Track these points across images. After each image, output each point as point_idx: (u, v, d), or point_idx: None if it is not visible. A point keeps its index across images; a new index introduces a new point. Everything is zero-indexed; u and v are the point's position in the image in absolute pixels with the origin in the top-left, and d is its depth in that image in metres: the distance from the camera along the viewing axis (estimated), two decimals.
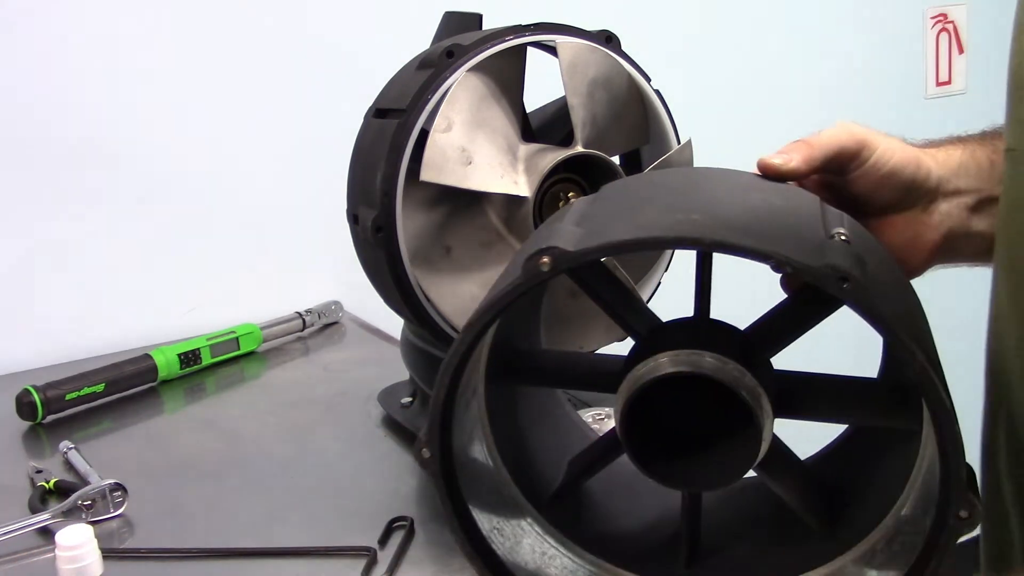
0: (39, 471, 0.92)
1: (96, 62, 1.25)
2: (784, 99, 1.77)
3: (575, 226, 0.54)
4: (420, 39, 0.92)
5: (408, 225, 0.83)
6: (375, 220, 0.81)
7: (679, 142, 0.87)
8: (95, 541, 0.68)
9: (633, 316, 0.63)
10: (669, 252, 0.87)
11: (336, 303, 1.36)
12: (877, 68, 1.89)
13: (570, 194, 0.83)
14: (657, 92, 0.87)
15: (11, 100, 1.21)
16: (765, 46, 1.76)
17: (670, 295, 0.84)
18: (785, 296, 0.63)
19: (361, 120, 0.90)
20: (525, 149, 0.83)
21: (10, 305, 1.24)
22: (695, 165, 0.83)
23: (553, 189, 0.83)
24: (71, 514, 0.83)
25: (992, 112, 0.82)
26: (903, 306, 0.53)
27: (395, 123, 0.82)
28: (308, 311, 1.33)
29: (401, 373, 1.00)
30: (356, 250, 0.91)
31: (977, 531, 0.66)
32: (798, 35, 1.81)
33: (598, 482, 0.67)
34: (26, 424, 1.06)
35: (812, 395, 0.61)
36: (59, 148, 1.24)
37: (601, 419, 0.83)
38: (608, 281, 0.64)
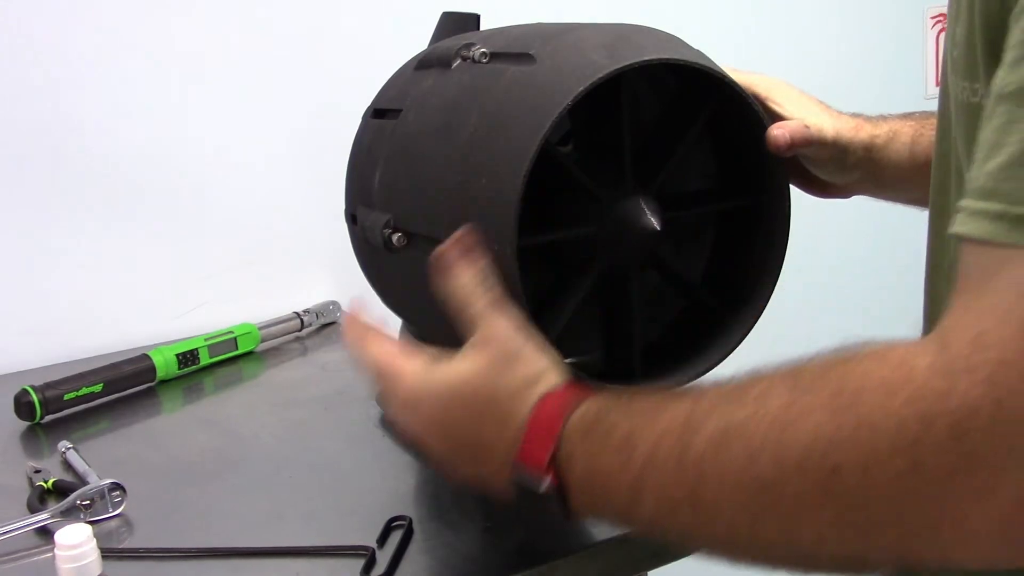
0: (38, 471, 0.92)
1: (93, 63, 1.25)
2: None
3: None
4: (419, 39, 0.92)
5: None
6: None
7: None
8: (94, 541, 0.68)
9: None
10: None
11: (334, 303, 1.36)
12: (877, 68, 1.89)
13: None
14: None
15: (8, 101, 1.21)
16: (763, 46, 1.76)
17: None
18: None
19: (359, 120, 0.90)
20: None
21: (9, 305, 1.23)
22: None
23: None
24: (70, 514, 0.83)
25: None
26: None
27: (393, 123, 0.82)
28: (306, 311, 1.33)
29: None
30: (354, 250, 0.91)
31: None
32: (796, 35, 1.81)
33: None
34: (24, 424, 1.06)
35: None
36: (57, 148, 1.24)
37: None
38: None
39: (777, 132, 0.75)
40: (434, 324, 0.82)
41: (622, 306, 0.75)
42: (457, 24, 0.90)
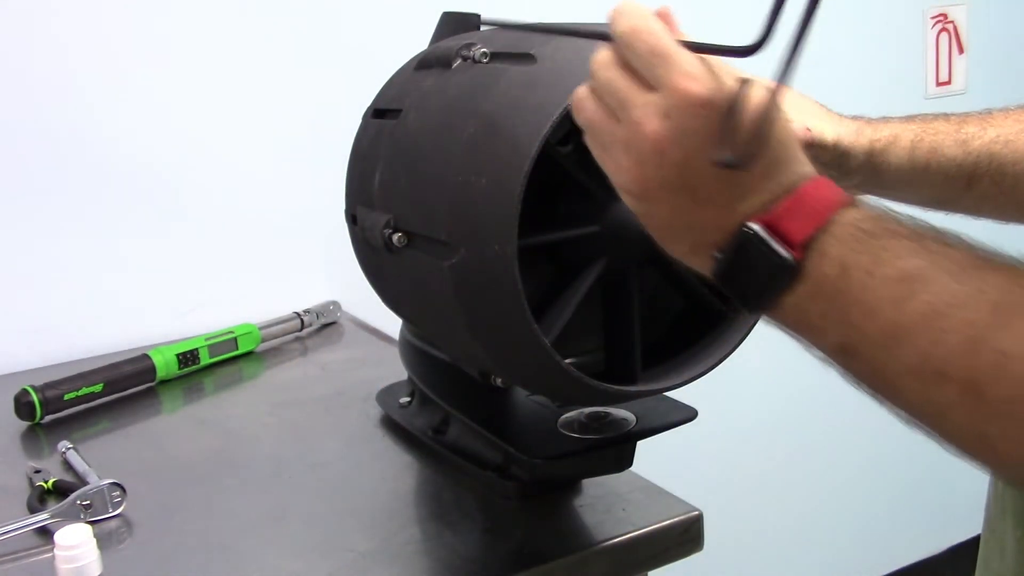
0: (37, 471, 0.92)
1: (94, 65, 1.25)
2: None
3: None
4: (419, 39, 0.92)
5: None
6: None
7: None
8: (94, 541, 0.68)
9: None
10: None
11: (334, 303, 1.36)
12: (877, 68, 1.89)
13: None
14: None
15: (10, 103, 1.21)
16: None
17: None
18: None
19: (359, 120, 0.90)
20: None
21: (9, 305, 1.23)
22: None
23: None
24: (70, 514, 0.83)
25: None
26: None
27: (393, 123, 0.82)
28: (306, 311, 1.33)
29: (399, 373, 1.00)
30: (354, 250, 0.91)
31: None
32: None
33: None
34: (24, 424, 1.06)
35: None
36: (58, 149, 1.24)
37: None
38: None
39: None
40: (435, 324, 0.82)
41: (622, 306, 0.75)
42: (457, 24, 0.90)
